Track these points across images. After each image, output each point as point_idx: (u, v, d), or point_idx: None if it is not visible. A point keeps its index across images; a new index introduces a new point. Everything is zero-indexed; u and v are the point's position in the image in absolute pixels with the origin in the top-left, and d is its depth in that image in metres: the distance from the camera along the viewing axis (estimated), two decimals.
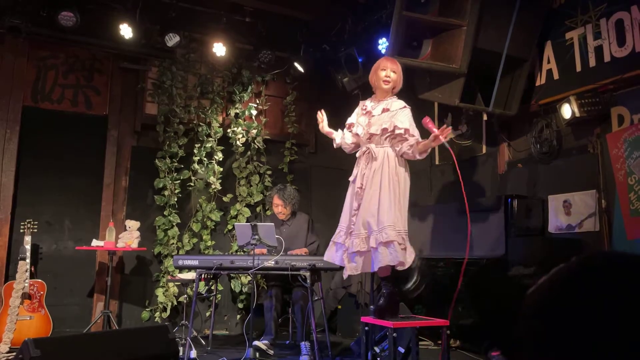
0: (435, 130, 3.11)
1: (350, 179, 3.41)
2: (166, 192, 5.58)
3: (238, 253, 5.51)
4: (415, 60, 4.32)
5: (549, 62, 4.43)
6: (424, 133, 3.30)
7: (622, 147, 3.83)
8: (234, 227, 5.78)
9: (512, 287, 3.80)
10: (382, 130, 3.26)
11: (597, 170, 4.03)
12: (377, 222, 3.09)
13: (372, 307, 3.38)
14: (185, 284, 5.04)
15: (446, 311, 3.38)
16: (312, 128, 6.63)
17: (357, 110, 3.54)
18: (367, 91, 6.09)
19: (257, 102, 6.22)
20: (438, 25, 4.27)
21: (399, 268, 3.14)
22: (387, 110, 3.32)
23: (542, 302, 0.72)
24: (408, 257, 3.15)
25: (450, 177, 5.54)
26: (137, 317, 5.41)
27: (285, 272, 4.14)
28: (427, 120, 3.22)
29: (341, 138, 3.59)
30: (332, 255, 3.38)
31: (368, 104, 3.47)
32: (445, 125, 3.15)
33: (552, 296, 0.72)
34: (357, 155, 3.43)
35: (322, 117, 3.74)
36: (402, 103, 3.37)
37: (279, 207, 4.85)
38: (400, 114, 3.29)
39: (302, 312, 4.48)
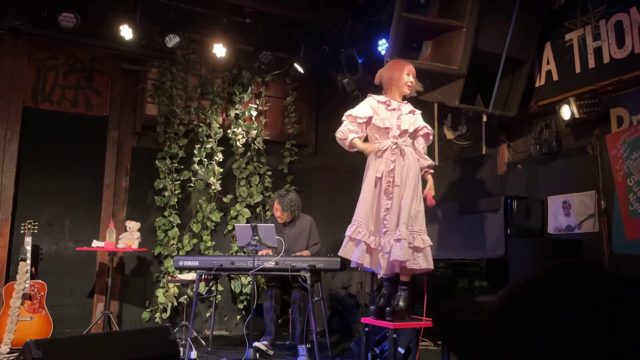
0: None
1: (376, 174, 3.22)
2: (166, 193, 5.59)
3: (238, 254, 5.52)
4: (415, 62, 4.32)
5: (548, 63, 4.44)
6: None
7: (622, 148, 3.84)
8: (234, 228, 5.80)
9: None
10: (417, 129, 3.36)
11: (597, 171, 4.04)
12: (415, 223, 3.17)
13: (372, 307, 3.38)
14: (185, 284, 5.06)
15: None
16: (312, 129, 6.64)
17: (373, 104, 3.35)
18: (367, 92, 6.10)
19: (257, 102, 6.23)
20: (438, 26, 4.28)
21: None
22: (413, 112, 3.40)
23: (515, 305, 0.73)
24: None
25: (450, 178, 5.55)
26: (138, 318, 5.42)
27: (286, 273, 4.15)
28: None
29: (355, 135, 3.34)
30: (348, 251, 3.24)
31: (393, 102, 3.36)
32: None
33: (524, 300, 0.74)
34: (380, 148, 3.26)
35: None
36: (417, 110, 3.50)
37: (278, 212, 4.86)
38: (420, 118, 3.44)
39: (302, 314, 4.49)
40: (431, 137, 3.49)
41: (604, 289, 0.70)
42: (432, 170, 3.47)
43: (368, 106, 3.36)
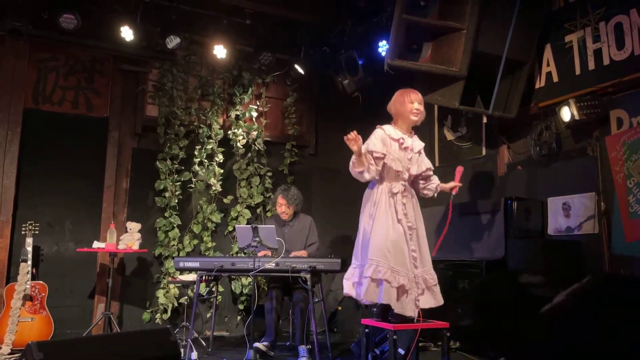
0: (458, 182, 3.53)
1: (397, 216, 3.20)
2: (167, 194, 5.60)
3: (239, 255, 5.53)
4: (415, 63, 4.35)
5: (548, 64, 4.45)
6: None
7: (621, 149, 3.85)
8: (234, 229, 5.81)
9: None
10: (424, 171, 3.40)
11: (596, 172, 4.05)
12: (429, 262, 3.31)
13: (374, 309, 3.39)
14: (186, 285, 5.06)
15: (445, 313, 3.41)
16: (312, 130, 6.65)
17: (385, 138, 3.27)
18: (367, 93, 6.14)
19: (258, 103, 6.24)
20: (438, 28, 4.29)
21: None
22: (420, 152, 3.41)
23: (563, 317, 0.76)
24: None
25: (449, 180, 5.55)
26: (138, 319, 5.43)
27: (286, 274, 4.16)
28: (459, 170, 3.55)
29: (369, 170, 3.24)
30: (372, 293, 3.11)
31: (405, 138, 3.29)
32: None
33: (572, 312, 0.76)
34: (393, 190, 3.24)
35: (358, 137, 3.17)
36: (421, 143, 3.49)
37: (283, 207, 4.87)
38: (425, 159, 3.47)
39: (302, 315, 4.49)
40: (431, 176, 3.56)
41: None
42: (440, 183, 3.57)
43: (380, 141, 3.26)
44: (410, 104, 3.29)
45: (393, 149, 3.27)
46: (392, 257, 3.10)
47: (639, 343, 0.69)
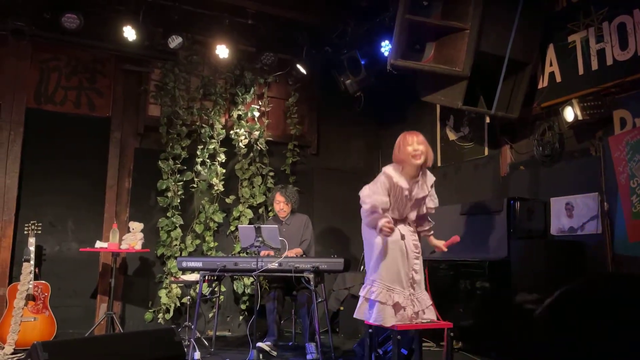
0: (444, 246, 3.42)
1: (409, 250, 3.27)
2: (169, 194, 5.60)
3: (241, 255, 5.53)
4: (418, 63, 4.35)
5: (551, 65, 4.45)
6: None
7: (624, 150, 3.85)
8: (236, 229, 5.81)
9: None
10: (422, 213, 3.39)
11: (599, 172, 4.05)
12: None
13: None
14: (188, 285, 5.06)
15: (447, 313, 3.41)
16: (314, 130, 6.65)
17: (390, 187, 3.22)
18: (369, 93, 6.15)
19: (260, 103, 6.24)
20: (441, 28, 4.29)
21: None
22: (424, 197, 3.34)
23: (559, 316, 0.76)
24: None
25: (452, 180, 5.56)
26: (140, 319, 5.43)
27: (289, 274, 4.16)
28: (454, 240, 3.41)
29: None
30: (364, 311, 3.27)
31: (404, 185, 3.21)
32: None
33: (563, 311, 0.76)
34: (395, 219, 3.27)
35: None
36: (430, 174, 3.39)
37: (281, 204, 4.90)
38: (433, 192, 3.42)
39: (310, 316, 4.50)
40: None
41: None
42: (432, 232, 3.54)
43: (385, 192, 3.21)
44: (409, 146, 3.19)
45: (397, 195, 3.21)
46: (387, 275, 3.15)
47: (635, 340, 0.69)
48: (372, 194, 3.18)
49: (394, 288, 3.14)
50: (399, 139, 3.30)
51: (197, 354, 4.11)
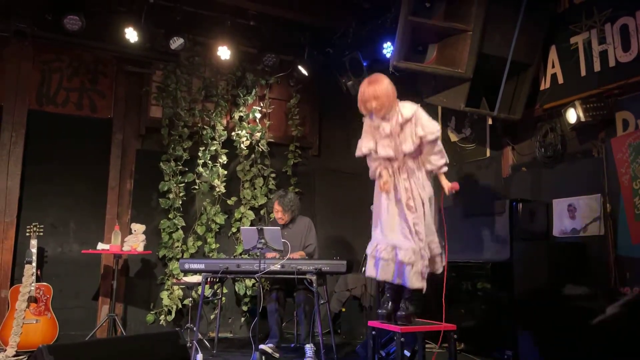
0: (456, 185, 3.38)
1: (397, 195, 3.26)
2: (171, 195, 5.60)
3: (243, 256, 5.53)
4: (421, 65, 4.35)
5: (553, 66, 4.45)
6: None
7: (627, 151, 3.85)
8: (238, 230, 5.81)
9: None
10: (416, 147, 3.22)
11: (602, 174, 4.05)
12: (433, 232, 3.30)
13: (380, 311, 3.38)
14: (190, 287, 5.06)
15: (449, 315, 3.40)
16: (315, 131, 6.66)
17: (368, 130, 3.35)
18: None
19: (261, 105, 6.24)
20: (443, 30, 4.30)
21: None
22: (408, 121, 3.21)
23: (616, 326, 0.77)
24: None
25: (453, 180, 5.54)
26: (142, 320, 5.43)
27: (292, 276, 4.16)
28: (455, 186, 3.40)
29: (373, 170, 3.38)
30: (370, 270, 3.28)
31: (382, 124, 3.26)
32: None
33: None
34: (389, 172, 3.29)
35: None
36: (410, 105, 3.27)
37: (279, 214, 4.89)
38: (421, 117, 3.24)
39: (307, 316, 4.50)
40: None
41: None
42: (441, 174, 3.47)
43: (366, 137, 3.41)
44: (363, 103, 3.28)
45: (381, 134, 3.26)
46: (390, 233, 3.21)
47: None
48: (360, 146, 3.37)
49: (399, 245, 3.17)
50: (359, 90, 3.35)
51: (200, 356, 4.11)
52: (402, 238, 3.18)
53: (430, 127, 3.21)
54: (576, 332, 3.64)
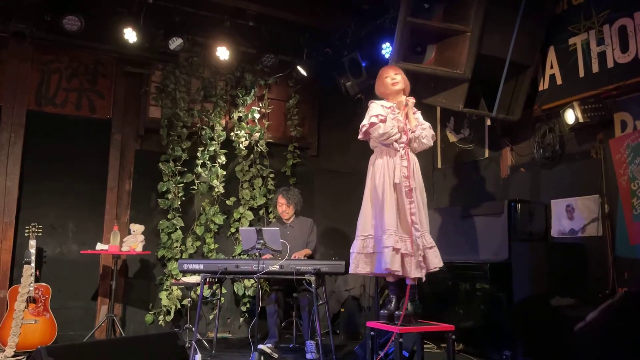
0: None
1: (396, 180, 3.25)
2: (170, 196, 5.60)
3: (241, 257, 5.54)
4: (419, 66, 4.35)
5: (552, 67, 4.46)
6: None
7: (625, 152, 3.86)
8: (237, 231, 5.82)
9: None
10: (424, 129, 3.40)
11: (600, 175, 4.06)
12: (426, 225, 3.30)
13: (382, 311, 3.39)
14: (189, 287, 5.06)
15: (447, 315, 3.41)
16: (314, 131, 6.66)
17: (380, 109, 3.37)
18: (369, 95, 6.13)
19: (260, 105, 6.24)
20: (442, 31, 4.30)
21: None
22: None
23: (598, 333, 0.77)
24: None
25: (452, 181, 5.57)
26: (141, 321, 5.43)
27: (291, 277, 4.17)
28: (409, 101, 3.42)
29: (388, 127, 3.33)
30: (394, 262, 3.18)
31: (395, 109, 3.39)
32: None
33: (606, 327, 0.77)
34: (391, 154, 3.33)
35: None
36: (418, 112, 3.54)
37: (283, 206, 4.91)
38: (419, 116, 3.51)
39: (308, 315, 4.51)
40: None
41: None
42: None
43: (379, 107, 3.37)
44: (385, 78, 3.44)
45: (388, 116, 3.34)
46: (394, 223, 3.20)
47: None
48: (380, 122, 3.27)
49: (402, 236, 3.20)
50: (378, 74, 3.52)
51: (199, 356, 4.11)
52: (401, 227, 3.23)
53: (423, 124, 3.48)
54: (575, 333, 3.65)
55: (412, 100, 3.41)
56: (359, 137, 3.44)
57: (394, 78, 3.43)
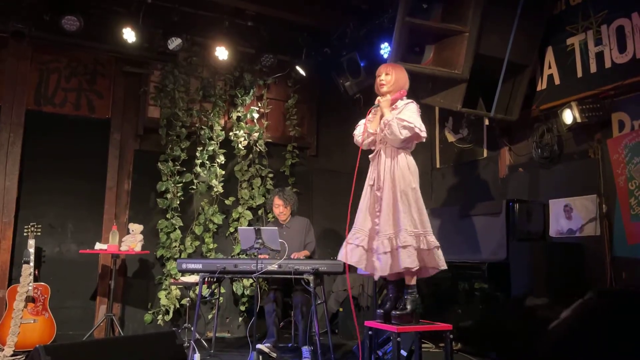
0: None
1: (369, 182, 3.36)
2: (169, 195, 5.60)
3: (241, 256, 5.54)
4: (418, 66, 4.36)
5: (550, 67, 4.47)
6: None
7: (623, 152, 3.87)
8: (236, 230, 5.82)
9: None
10: (386, 125, 3.21)
11: (598, 175, 4.07)
12: (396, 225, 3.16)
13: (379, 311, 3.39)
14: (188, 287, 5.07)
15: (445, 314, 3.41)
16: (313, 131, 6.67)
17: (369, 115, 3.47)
18: (368, 95, 6.15)
19: (259, 105, 6.25)
20: (440, 31, 4.30)
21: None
22: (395, 108, 3.28)
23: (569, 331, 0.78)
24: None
25: (451, 181, 5.58)
26: (140, 320, 5.43)
27: (289, 276, 4.17)
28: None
29: (355, 131, 3.57)
30: (347, 255, 3.27)
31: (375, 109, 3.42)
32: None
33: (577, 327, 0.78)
34: (370, 157, 3.46)
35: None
36: (407, 100, 3.32)
37: (280, 207, 4.91)
38: (405, 110, 3.24)
39: (304, 316, 4.51)
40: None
41: None
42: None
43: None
44: (377, 77, 3.37)
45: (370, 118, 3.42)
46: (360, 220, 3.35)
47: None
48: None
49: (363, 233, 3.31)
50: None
51: (197, 356, 4.12)
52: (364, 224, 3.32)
53: (409, 117, 3.21)
54: (574, 333, 3.66)
55: (381, 99, 3.31)
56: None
57: (382, 79, 3.35)
